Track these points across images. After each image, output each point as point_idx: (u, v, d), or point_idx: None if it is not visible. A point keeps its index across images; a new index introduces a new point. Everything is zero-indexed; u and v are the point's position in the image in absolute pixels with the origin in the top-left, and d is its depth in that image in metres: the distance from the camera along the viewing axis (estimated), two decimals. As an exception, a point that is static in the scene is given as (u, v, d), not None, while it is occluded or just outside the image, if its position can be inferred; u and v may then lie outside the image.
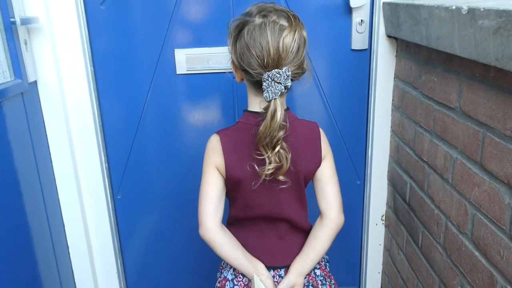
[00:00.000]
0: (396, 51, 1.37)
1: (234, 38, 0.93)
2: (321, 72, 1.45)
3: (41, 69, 1.31)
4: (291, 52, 0.88)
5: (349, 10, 1.38)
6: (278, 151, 0.91)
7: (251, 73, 0.91)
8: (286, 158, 0.92)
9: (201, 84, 1.45)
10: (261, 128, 0.89)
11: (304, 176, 1.02)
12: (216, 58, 1.40)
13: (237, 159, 0.97)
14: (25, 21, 1.22)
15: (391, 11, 1.27)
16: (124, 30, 1.38)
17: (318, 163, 1.03)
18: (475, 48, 0.83)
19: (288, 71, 0.88)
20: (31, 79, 1.27)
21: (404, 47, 1.31)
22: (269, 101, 0.89)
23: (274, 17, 0.89)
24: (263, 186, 0.96)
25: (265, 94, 0.89)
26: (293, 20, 0.90)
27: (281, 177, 0.95)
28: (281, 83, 0.88)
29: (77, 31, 1.33)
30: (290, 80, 0.89)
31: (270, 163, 0.92)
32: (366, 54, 1.43)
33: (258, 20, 0.90)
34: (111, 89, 1.44)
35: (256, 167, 0.94)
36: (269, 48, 0.87)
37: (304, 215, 1.09)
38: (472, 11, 0.82)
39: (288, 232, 1.07)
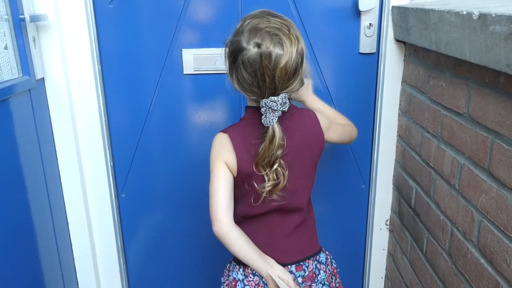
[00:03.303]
0: (404, 56, 1.37)
1: (230, 63, 0.97)
2: (328, 75, 1.44)
3: (48, 66, 1.31)
4: (286, 79, 0.91)
5: (357, 13, 1.38)
6: (276, 168, 0.96)
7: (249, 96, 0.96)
8: (283, 175, 0.97)
9: (208, 84, 1.45)
10: (260, 150, 0.94)
11: (314, 163, 1.07)
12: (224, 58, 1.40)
13: (247, 154, 0.98)
14: (34, 18, 1.22)
15: (400, 15, 1.27)
16: (132, 29, 1.39)
17: (321, 146, 1.07)
18: (485, 53, 0.82)
19: (285, 97, 0.92)
20: (38, 76, 1.27)
21: (413, 52, 1.30)
22: (267, 126, 0.92)
23: (270, 47, 0.89)
24: None
25: (263, 120, 0.92)
26: (288, 44, 0.89)
27: (274, 196, 0.99)
28: (277, 110, 0.91)
29: (85, 29, 1.34)
30: (287, 104, 0.92)
31: (268, 180, 0.96)
32: (374, 58, 1.42)
33: (252, 49, 0.89)
34: (118, 88, 1.44)
35: (256, 185, 0.98)
36: (265, 79, 0.90)
37: (309, 205, 1.13)
38: (483, 16, 0.81)
39: (295, 226, 1.08)
